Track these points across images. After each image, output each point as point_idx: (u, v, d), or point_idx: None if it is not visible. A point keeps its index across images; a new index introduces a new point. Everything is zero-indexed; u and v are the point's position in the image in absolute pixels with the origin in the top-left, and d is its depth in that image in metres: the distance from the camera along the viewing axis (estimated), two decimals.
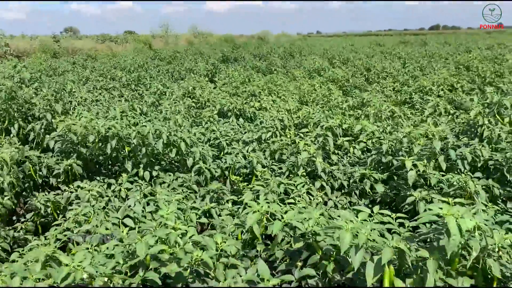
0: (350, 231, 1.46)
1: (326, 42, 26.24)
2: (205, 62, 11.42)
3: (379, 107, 4.76)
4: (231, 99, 4.79)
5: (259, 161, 3.07)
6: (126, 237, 1.80)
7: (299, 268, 1.69)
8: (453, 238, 1.43)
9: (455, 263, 1.55)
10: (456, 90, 6.21)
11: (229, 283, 1.40)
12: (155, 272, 1.54)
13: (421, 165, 2.65)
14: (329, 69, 9.18)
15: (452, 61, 10.33)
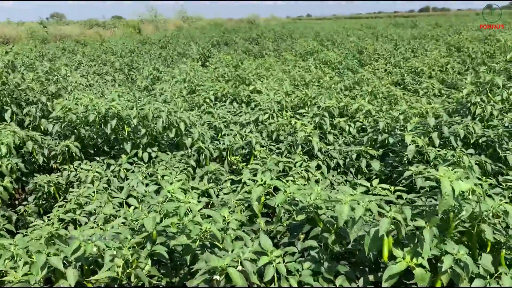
0: (348, 204, 1.51)
1: (317, 25, 26.15)
2: (197, 46, 11.38)
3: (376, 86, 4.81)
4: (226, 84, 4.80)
5: (257, 141, 3.12)
6: (131, 216, 1.84)
7: (301, 240, 1.75)
8: (445, 198, 1.48)
9: (451, 228, 1.61)
10: (447, 71, 6.28)
11: (237, 253, 1.45)
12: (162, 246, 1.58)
13: (420, 140, 2.71)
14: (322, 52, 9.18)
15: (443, 43, 10.39)
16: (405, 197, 1.81)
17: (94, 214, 2.24)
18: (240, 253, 1.45)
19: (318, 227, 1.75)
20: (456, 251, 1.50)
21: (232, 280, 1.37)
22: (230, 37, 15.16)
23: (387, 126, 3.12)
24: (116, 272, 1.47)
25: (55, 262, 1.51)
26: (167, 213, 1.72)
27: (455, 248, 1.51)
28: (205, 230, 1.51)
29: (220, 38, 14.45)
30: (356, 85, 5.39)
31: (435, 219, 1.54)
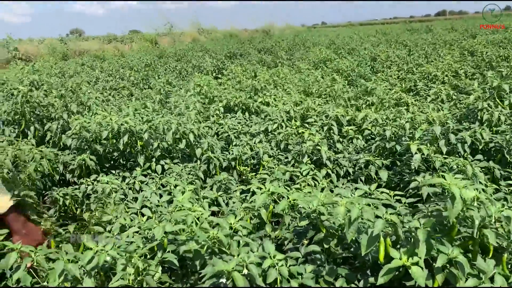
0: (344, 206, 1.59)
1: (332, 33, 26.17)
2: (211, 59, 11.56)
3: (383, 95, 4.87)
4: (236, 94, 4.91)
5: (265, 151, 3.20)
6: (144, 225, 1.93)
7: (305, 245, 1.82)
8: (456, 204, 1.53)
9: (453, 232, 1.66)
10: (459, 76, 6.28)
11: (242, 257, 1.53)
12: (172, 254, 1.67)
13: (425, 149, 2.75)
14: (335, 60, 9.25)
15: (456, 47, 10.34)
16: (404, 201, 1.87)
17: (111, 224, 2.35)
18: (245, 258, 1.53)
19: (321, 232, 1.82)
20: (450, 251, 1.54)
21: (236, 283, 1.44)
22: (244, 47, 15.33)
23: (394, 134, 3.17)
24: (128, 280, 1.54)
25: (73, 270, 1.60)
26: (177, 222, 1.81)
27: (450, 248, 1.56)
28: (212, 237, 1.59)
29: (234, 49, 14.62)
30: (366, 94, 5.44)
31: (430, 221, 1.59)
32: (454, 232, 1.63)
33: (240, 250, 1.62)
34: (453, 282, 1.57)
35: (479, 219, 1.55)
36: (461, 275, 1.55)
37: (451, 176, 1.60)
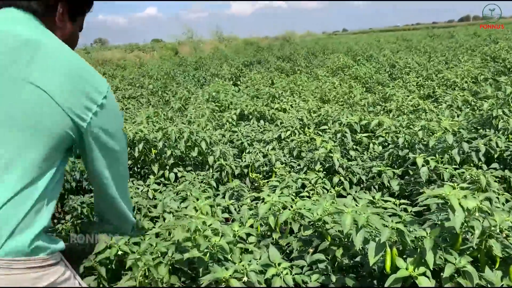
0: (351, 214, 1.58)
1: (352, 40, 26.07)
2: (229, 66, 11.66)
3: (401, 102, 4.82)
4: (252, 102, 4.94)
5: (277, 158, 3.21)
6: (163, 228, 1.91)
7: (310, 254, 1.81)
8: (457, 214, 1.50)
9: (458, 243, 1.63)
10: (479, 82, 6.17)
11: (243, 264, 1.53)
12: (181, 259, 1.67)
13: (432, 161, 2.71)
14: (353, 67, 9.21)
15: (478, 53, 10.17)
16: (410, 210, 1.85)
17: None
18: (246, 265, 1.53)
19: (326, 241, 1.81)
20: (458, 261, 1.52)
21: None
22: (263, 55, 15.41)
23: (407, 141, 3.14)
24: (137, 280, 1.54)
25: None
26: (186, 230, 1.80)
27: (458, 258, 1.53)
28: (214, 244, 1.60)
29: (253, 57, 14.71)
30: (383, 100, 5.40)
31: (436, 230, 1.57)
32: (458, 242, 1.60)
33: (243, 258, 1.62)
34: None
35: (480, 229, 1.52)
36: (470, 285, 1.52)
37: (450, 187, 1.58)
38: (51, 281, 1.19)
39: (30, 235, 1.15)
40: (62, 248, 1.28)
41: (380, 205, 1.84)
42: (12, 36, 1.19)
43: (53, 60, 1.19)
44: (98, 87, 1.27)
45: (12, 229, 1.11)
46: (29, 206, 1.16)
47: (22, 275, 1.12)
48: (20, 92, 1.15)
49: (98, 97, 1.25)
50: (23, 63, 1.16)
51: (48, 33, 1.26)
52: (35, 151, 1.17)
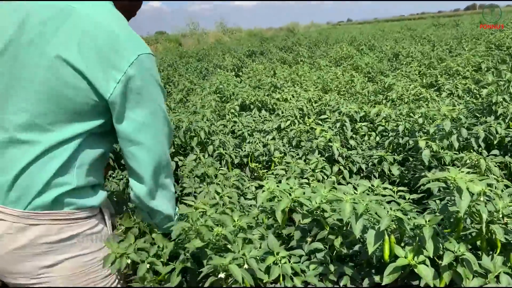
0: (349, 202, 1.56)
1: (356, 30, 25.90)
2: (232, 58, 11.62)
3: (401, 91, 4.78)
4: (253, 92, 4.91)
5: (276, 147, 3.19)
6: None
7: (308, 243, 1.80)
8: (464, 197, 1.48)
9: (459, 227, 1.61)
10: (482, 70, 6.11)
11: (243, 252, 1.53)
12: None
13: (434, 145, 2.69)
14: (356, 56, 9.15)
15: (483, 41, 10.07)
16: (408, 197, 1.83)
17: None
18: (246, 253, 1.52)
19: (324, 230, 1.80)
20: (457, 249, 1.50)
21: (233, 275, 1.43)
22: (266, 46, 15.33)
23: (407, 129, 3.11)
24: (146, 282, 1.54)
25: None
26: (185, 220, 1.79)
27: (456, 246, 1.52)
28: (217, 234, 1.59)
29: (256, 48, 14.64)
30: (385, 90, 5.36)
31: (436, 217, 1.55)
32: (460, 227, 1.58)
33: (244, 247, 1.61)
34: (459, 280, 1.53)
35: (487, 213, 1.50)
36: (468, 273, 1.51)
37: (456, 170, 1.56)
38: (76, 232, 1.38)
39: (55, 193, 1.30)
40: (95, 205, 1.45)
41: (379, 192, 1.83)
42: (49, 6, 1.27)
43: (80, 29, 1.24)
44: (126, 55, 1.27)
45: (40, 188, 1.27)
46: (56, 166, 1.29)
47: (49, 225, 1.32)
48: (45, 62, 1.23)
49: (124, 66, 1.26)
50: (50, 34, 1.24)
51: (94, 4, 1.32)
52: (60, 114, 1.28)
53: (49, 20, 1.24)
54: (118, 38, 1.27)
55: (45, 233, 1.32)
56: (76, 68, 1.23)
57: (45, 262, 1.35)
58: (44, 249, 1.33)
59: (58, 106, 1.27)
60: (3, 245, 1.30)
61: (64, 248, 1.37)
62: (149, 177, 1.46)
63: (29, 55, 1.25)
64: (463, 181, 1.49)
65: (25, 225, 1.29)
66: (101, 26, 1.26)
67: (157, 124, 1.41)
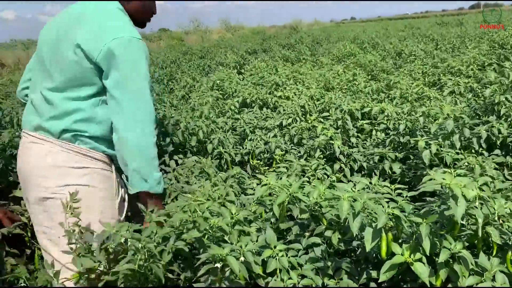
0: (347, 200, 1.57)
1: (359, 28, 25.82)
2: (234, 55, 11.61)
3: (405, 89, 4.77)
4: (255, 90, 4.92)
5: (277, 145, 3.20)
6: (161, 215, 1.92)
7: (306, 238, 1.81)
8: (459, 203, 1.49)
9: (455, 230, 1.62)
10: (485, 69, 6.09)
11: (241, 245, 1.54)
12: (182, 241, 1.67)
13: (434, 145, 2.68)
14: (359, 54, 9.14)
15: (486, 40, 10.03)
16: (405, 195, 1.85)
17: None
18: (243, 245, 1.54)
19: (322, 225, 1.81)
20: (453, 246, 1.51)
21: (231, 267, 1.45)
22: (268, 44, 15.31)
23: (408, 128, 3.12)
24: (136, 265, 1.53)
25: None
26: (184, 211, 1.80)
27: (453, 243, 1.52)
28: (213, 225, 1.61)
29: (258, 46, 14.62)
30: (388, 88, 5.36)
31: (433, 216, 1.56)
32: (456, 229, 1.59)
33: (241, 239, 1.62)
34: (455, 278, 1.53)
35: (482, 217, 1.51)
36: (465, 270, 1.51)
37: (451, 175, 1.56)
38: (89, 166, 1.92)
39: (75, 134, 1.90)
40: (106, 151, 1.98)
41: (377, 190, 1.84)
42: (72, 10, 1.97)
43: (89, 23, 1.87)
44: (113, 35, 1.83)
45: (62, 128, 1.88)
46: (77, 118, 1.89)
47: (72, 155, 1.89)
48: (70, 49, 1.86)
49: (107, 40, 1.81)
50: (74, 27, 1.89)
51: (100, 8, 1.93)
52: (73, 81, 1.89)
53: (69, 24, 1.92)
54: (107, 26, 1.87)
55: (68, 159, 1.86)
56: (82, 48, 1.82)
57: (62, 182, 1.84)
58: (64, 171, 1.85)
59: (74, 75, 1.86)
60: (44, 161, 1.86)
61: (78, 175, 1.87)
62: (122, 129, 1.87)
63: (63, 46, 1.88)
64: (458, 187, 1.49)
65: (57, 150, 1.86)
66: (100, 23, 1.88)
67: (130, 87, 1.86)
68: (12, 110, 4.14)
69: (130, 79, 1.86)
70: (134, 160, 1.87)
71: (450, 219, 1.66)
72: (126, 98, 1.85)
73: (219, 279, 1.52)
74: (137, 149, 1.87)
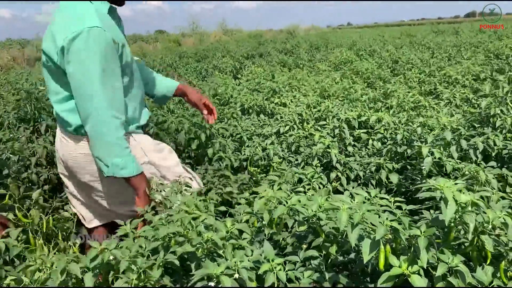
0: (346, 211, 1.57)
1: (356, 34, 25.93)
2: (231, 59, 11.61)
3: (402, 98, 4.79)
4: (252, 96, 4.92)
5: (275, 152, 3.20)
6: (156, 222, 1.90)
7: (304, 250, 1.81)
8: (449, 206, 1.49)
9: (450, 236, 1.63)
10: (481, 80, 6.14)
11: (235, 261, 1.53)
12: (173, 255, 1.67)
13: (437, 152, 2.69)
14: (355, 61, 9.17)
15: (482, 50, 10.11)
16: (404, 208, 1.85)
17: None
18: (238, 262, 1.53)
19: (320, 237, 1.81)
20: (451, 260, 1.51)
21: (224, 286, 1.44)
22: (265, 48, 15.33)
23: (405, 138, 3.13)
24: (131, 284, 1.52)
25: (74, 268, 1.60)
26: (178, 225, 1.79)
27: (450, 257, 1.53)
28: (207, 239, 1.60)
29: (255, 50, 14.63)
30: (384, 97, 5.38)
31: (431, 229, 1.57)
32: (451, 236, 1.60)
33: (235, 254, 1.62)
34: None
35: (473, 223, 1.51)
36: (462, 284, 1.52)
37: (445, 180, 1.57)
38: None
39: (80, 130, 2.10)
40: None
41: (376, 202, 1.84)
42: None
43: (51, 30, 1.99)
44: (67, 34, 1.88)
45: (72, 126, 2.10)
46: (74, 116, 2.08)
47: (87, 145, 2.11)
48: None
49: (60, 43, 1.89)
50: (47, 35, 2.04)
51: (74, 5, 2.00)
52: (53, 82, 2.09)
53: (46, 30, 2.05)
54: (67, 24, 1.92)
55: (87, 149, 2.10)
56: (45, 52, 1.99)
57: (95, 167, 2.12)
58: (91, 158, 2.09)
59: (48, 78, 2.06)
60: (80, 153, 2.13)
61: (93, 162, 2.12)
62: (81, 114, 2.00)
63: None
64: (450, 190, 1.51)
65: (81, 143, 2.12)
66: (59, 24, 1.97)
67: (82, 77, 1.92)
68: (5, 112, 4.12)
69: (82, 71, 1.94)
70: (95, 148, 2.03)
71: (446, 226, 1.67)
72: (77, 97, 1.98)
73: None
74: (95, 138, 2.00)
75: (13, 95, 4.34)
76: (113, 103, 1.97)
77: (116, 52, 1.97)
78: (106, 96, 1.94)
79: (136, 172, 2.07)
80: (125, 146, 2.03)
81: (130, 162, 2.04)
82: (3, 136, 3.16)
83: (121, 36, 2.07)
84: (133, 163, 2.06)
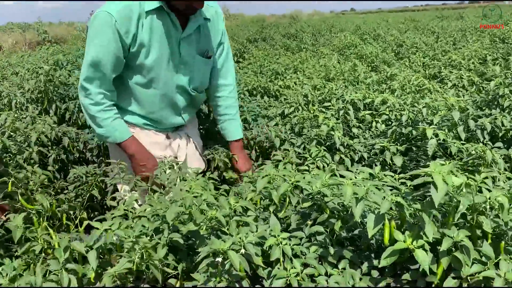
0: (351, 186, 1.57)
1: (359, 19, 25.67)
2: (234, 43, 11.52)
3: (404, 81, 4.76)
4: (255, 78, 4.89)
5: (277, 134, 3.19)
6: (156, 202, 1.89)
7: (309, 226, 1.81)
8: (439, 190, 1.48)
9: (449, 220, 1.62)
10: (487, 63, 6.08)
11: (241, 237, 1.53)
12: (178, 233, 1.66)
13: (442, 134, 2.67)
14: (359, 45, 9.09)
15: (487, 34, 10.00)
16: (409, 184, 1.85)
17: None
18: (243, 237, 1.53)
19: (325, 213, 1.81)
20: (456, 235, 1.51)
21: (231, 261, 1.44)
22: (268, 32, 15.19)
23: (411, 119, 3.11)
24: (134, 263, 1.51)
25: (77, 246, 1.58)
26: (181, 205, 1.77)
27: (456, 232, 1.52)
28: (211, 217, 1.59)
29: (258, 34, 14.51)
30: (388, 79, 5.34)
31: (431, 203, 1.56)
32: (450, 220, 1.59)
33: (240, 230, 1.62)
34: (458, 266, 1.54)
35: (465, 205, 1.50)
36: (467, 259, 1.52)
37: (436, 164, 1.56)
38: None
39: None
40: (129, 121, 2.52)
41: (380, 178, 1.84)
42: None
43: None
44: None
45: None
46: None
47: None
48: None
49: None
50: None
51: None
52: None
53: None
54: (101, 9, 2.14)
55: None
56: None
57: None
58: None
59: None
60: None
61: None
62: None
63: None
64: (439, 175, 1.48)
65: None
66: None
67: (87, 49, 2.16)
68: (10, 92, 4.10)
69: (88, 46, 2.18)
70: (86, 119, 2.35)
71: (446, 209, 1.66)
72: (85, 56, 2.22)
73: (219, 271, 1.51)
74: (83, 111, 2.31)
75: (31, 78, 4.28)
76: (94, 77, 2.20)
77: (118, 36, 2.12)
78: (87, 69, 2.20)
79: (119, 140, 2.33)
80: (104, 117, 2.26)
81: (113, 131, 2.31)
82: (8, 116, 3.13)
83: (146, 37, 2.17)
84: (116, 132, 2.31)
